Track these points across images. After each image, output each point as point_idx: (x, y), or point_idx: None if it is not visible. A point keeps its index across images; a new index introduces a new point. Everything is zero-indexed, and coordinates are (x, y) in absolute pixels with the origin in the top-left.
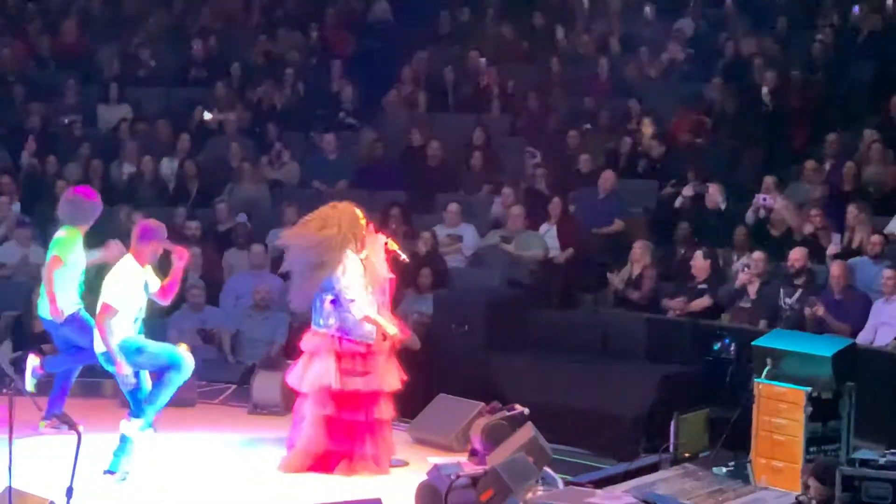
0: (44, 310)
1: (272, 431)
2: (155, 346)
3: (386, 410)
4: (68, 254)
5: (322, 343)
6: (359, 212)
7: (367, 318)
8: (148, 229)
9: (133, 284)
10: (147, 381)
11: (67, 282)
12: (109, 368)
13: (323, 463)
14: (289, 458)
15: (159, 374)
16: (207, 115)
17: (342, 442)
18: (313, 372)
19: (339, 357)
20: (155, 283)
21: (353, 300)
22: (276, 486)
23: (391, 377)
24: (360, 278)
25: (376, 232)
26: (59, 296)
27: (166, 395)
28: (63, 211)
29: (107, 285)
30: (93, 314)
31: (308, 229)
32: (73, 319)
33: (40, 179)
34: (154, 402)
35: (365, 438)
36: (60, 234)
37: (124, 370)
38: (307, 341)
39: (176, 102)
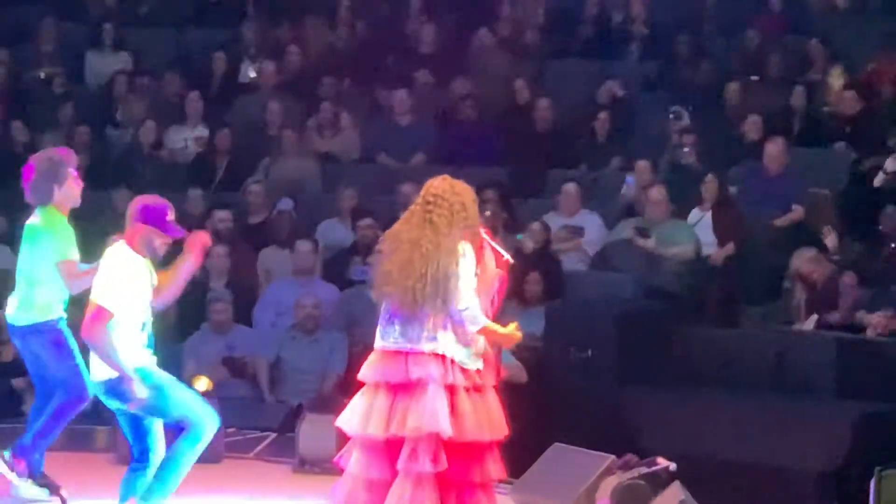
0: (16, 315)
1: (324, 496)
2: (176, 390)
3: (496, 468)
4: (69, 247)
5: (426, 370)
6: (454, 187)
7: (485, 332)
8: (148, 208)
9: (132, 279)
10: (158, 439)
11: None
12: (110, 403)
13: None
14: None
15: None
16: (252, 73)
17: None
18: (415, 411)
19: (451, 391)
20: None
21: (466, 308)
22: None
23: (502, 420)
24: (473, 277)
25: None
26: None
27: (179, 471)
28: (36, 185)
29: (96, 283)
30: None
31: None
32: (48, 330)
33: (6, 152)
34: (164, 482)
35: None
36: (36, 220)
37: (140, 393)
38: (388, 366)
39: (190, 49)
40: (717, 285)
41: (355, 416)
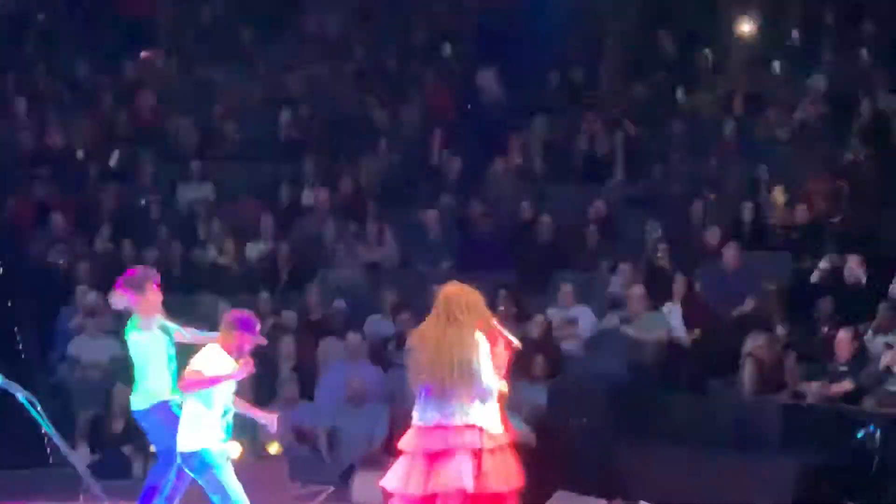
0: (135, 402)
1: None
2: (227, 480)
3: None
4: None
5: (459, 439)
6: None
7: (499, 399)
8: (244, 320)
9: (222, 368)
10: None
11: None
12: (195, 475)
13: None
14: None
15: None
16: (311, 198)
17: None
18: (446, 472)
19: (477, 455)
20: None
21: (487, 385)
22: None
23: (518, 472)
24: (489, 359)
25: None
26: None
27: None
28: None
29: (193, 364)
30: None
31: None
32: (159, 409)
33: (117, 264)
34: None
35: None
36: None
37: (235, 453)
38: (428, 439)
39: (262, 178)
40: (687, 362)
41: (397, 477)
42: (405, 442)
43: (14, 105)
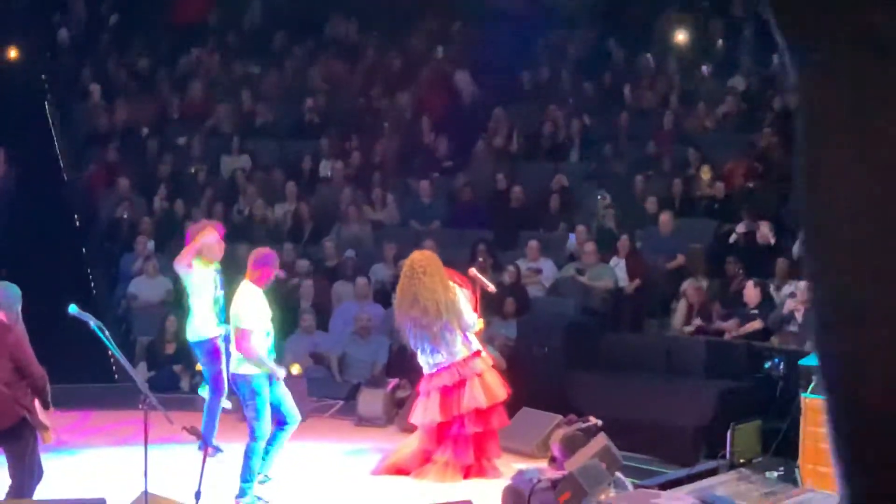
0: (188, 332)
1: (375, 442)
2: (264, 404)
3: (503, 419)
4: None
5: (469, 368)
6: (428, 255)
7: (478, 332)
8: (264, 255)
9: (257, 305)
10: (266, 421)
11: (202, 307)
12: (242, 397)
13: (468, 471)
14: (442, 472)
15: (278, 423)
16: (328, 170)
17: (478, 452)
18: (463, 398)
19: (480, 375)
20: None
21: (471, 320)
22: (381, 487)
23: (503, 384)
24: (467, 301)
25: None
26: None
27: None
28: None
29: (234, 314)
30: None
31: (413, 310)
32: (202, 345)
33: (170, 221)
34: (267, 458)
35: (493, 447)
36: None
37: (280, 374)
38: (443, 377)
39: (288, 153)
40: (629, 306)
41: (423, 413)
42: (423, 387)
43: (90, 91)
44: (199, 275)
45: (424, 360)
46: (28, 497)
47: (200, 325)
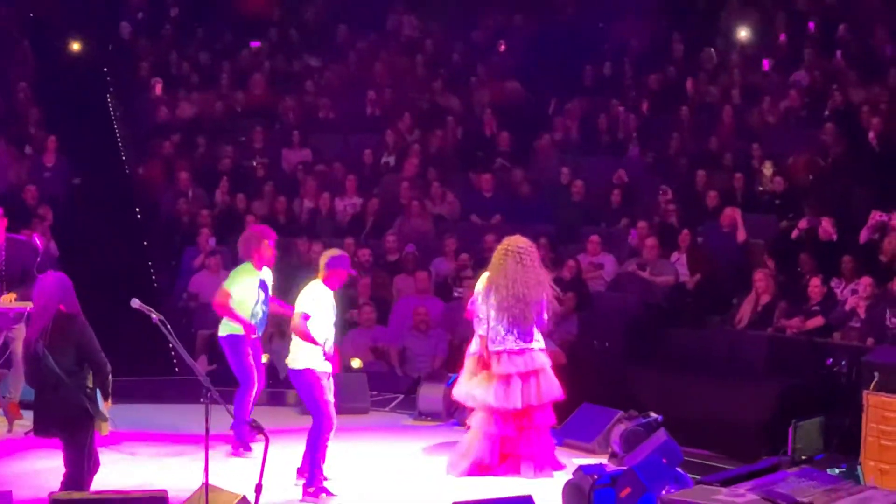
0: (222, 330)
1: (434, 436)
2: (321, 398)
3: (552, 415)
4: (233, 287)
5: (540, 360)
6: (530, 242)
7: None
8: (336, 258)
9: (323, 305)
10: (328, 413)
11: (239, 310)
12: (298, 390)
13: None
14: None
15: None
16: (390, 162)
17: (541, 445)
18: (540, 388)
19: (546, 370)
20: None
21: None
22: (443, 484)
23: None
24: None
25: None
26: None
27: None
28: (239, 247)
29: (299, 302)
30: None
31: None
32: (229, 340)
33: (232, 214)
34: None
35: (551, 442)
36: (237, 268)
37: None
38: (516, 362)
39: (350, 146)
40: (690, 302)
41: (498, 396)
42: (498, 367)
43: (152, 85)
44: (242, 286)
45: (505, 340)
46: (84, 488)
47: (231, 324)
